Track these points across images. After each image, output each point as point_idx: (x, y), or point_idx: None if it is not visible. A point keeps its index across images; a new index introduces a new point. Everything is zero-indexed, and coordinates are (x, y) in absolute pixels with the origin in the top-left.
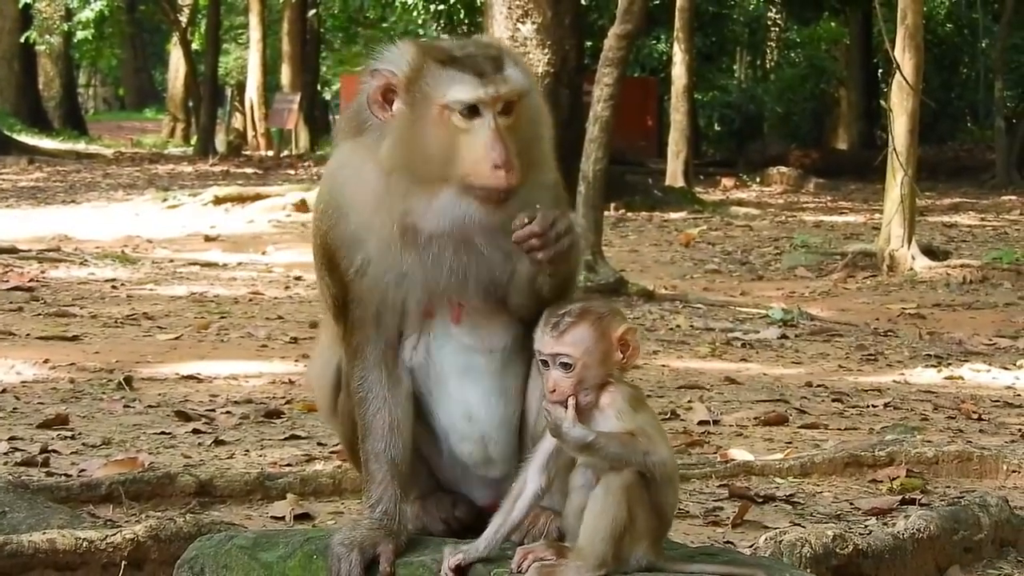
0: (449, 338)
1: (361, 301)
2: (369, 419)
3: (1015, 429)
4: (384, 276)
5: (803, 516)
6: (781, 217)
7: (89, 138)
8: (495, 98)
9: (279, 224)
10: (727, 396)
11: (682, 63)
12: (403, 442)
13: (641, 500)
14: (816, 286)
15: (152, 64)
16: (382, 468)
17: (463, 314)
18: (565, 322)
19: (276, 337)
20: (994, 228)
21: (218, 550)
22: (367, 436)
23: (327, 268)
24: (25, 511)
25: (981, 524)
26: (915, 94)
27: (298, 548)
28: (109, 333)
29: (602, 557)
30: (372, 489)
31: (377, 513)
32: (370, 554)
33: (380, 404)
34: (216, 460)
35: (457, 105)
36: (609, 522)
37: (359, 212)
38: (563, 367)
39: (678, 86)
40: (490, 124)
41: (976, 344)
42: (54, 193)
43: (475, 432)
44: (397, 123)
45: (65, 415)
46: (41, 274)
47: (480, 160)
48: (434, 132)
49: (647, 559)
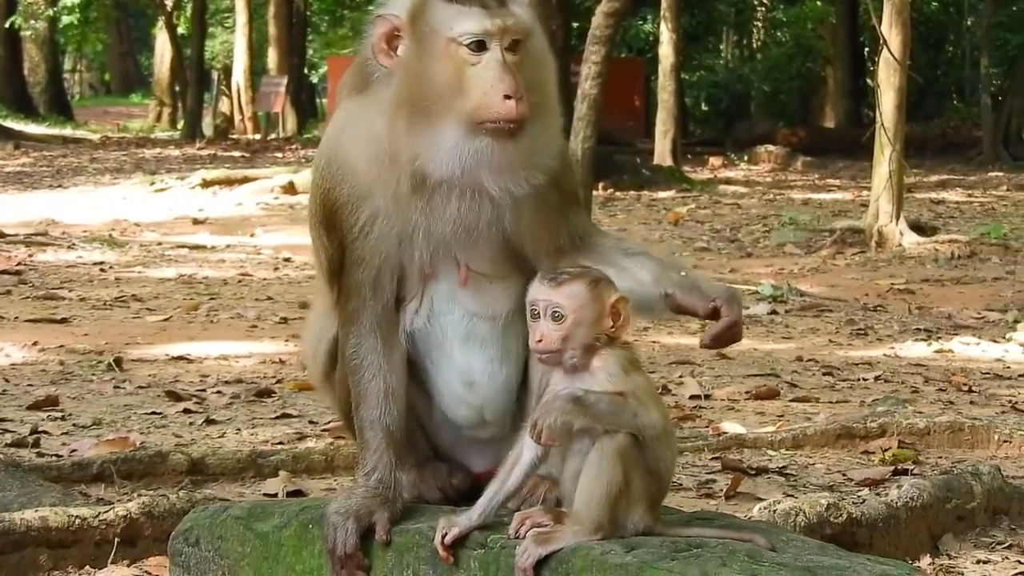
0: (454, 304)
1: (361, 262)
2: (364, 386)
3: (1005, 400)
4: (390, 232)
5: (796, 487)
6: (769, 195)
7: (75, 123)
8: (502, 30)
9: (267, 207)
10: (718, 371)
11: (669, 42)
12: (398, 409)
13: (636, 464)
14: (805, 263)
15: (138, 49)
16: (377, 436)
17: (470, 277)
18: (563, 276)
19: (266, 318)
20: (981, 204)
21: (213, 521)
22: (361, 404)
23: (326, 228)
24: (17, 490)
25: (974, 492)
26: (902, 70)
27: (293, 518)
28: (98, 315)
29: (598, 521)
30: (367, 457)
31: (372, 481)
32: (366, 522)
33: (375, 371)
34: (207, 439)
35: (465, 38)
36: (604, 486)
37: (366, 166)
38: (554, 318)
39: (665, 65)
40: (498, 56)
41: (965, 318)
42: (41, 178)
43: (474, 398)
44: (404, 63)
45: (55, 396)
46: (29, 258)
47: (490, 91)
48: (442, 67)
49: (644, 523)
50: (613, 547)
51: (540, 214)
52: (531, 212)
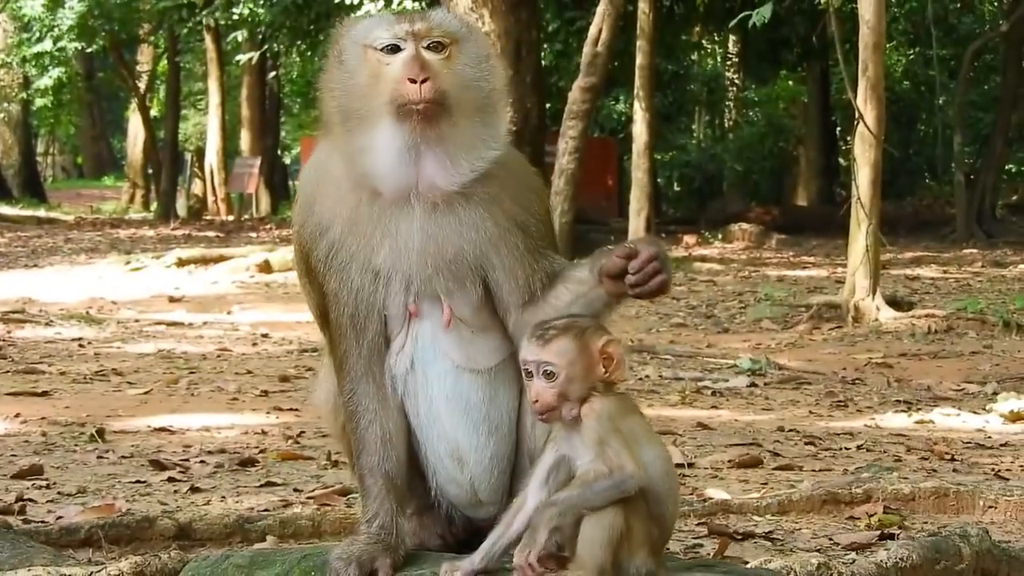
0: (438, 351)
1: (337, 300)
2: (361, 433)
3: (988, 468)
4: (353, 262)
5: (783, 552)
6: (744, 272)
7: (49, 205)
8: (410, 32)
9: (243, 285)
10: (700, 440)
11: (642, 121)
12: (397, 456)
13: (636, 509)
14: (782, 337)
15: (110, 132)
16: (377, 482)
17: (453, 322)
18: (550, 333)
19: (246, 391)
20: (957, 280)
21: (215, 570)
22: (361, 451)
23: (306, 273)
24: (8, 551)
25: (962, 554)
26: (878, 144)
27: (295, 565)
28: (79, 388)
29: (601, 566)
30: (368, 504)
31: (374, 528)
32: (368, 568)
33: (372, 417)
34: (193, 506)
35: (378, 42)
36: (606, 531)
37: (324, 198)
38: (546, 376)
39: (639, 143)
40: (410, 51)
41: (944, 390)
42: (16, 258)
43: (465, 477)
44: (331, 79)
45: (39, 466)
46: (7, 334)
47: (399, 78)
48: (363, 71)
49: (647, 568)
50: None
51: (511, 253)
52: (503, 249)
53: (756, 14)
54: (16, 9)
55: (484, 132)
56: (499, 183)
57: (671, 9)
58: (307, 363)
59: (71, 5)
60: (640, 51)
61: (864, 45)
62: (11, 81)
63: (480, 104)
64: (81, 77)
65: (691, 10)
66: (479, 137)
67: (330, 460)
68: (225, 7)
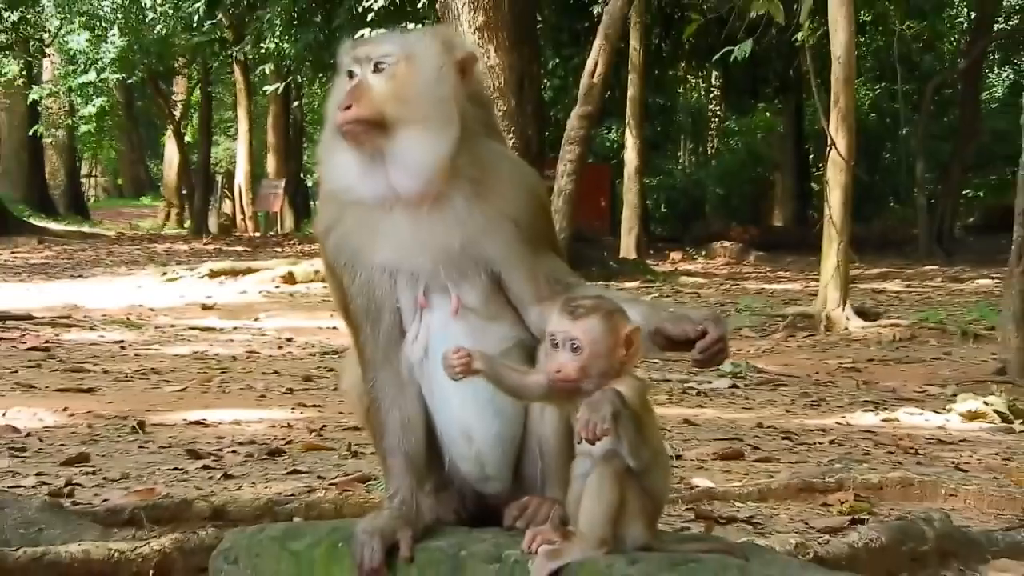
0: (447, 338)
1: (352, 293)
2: (383, 417)
3: (948, 461)
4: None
5: (762, 535)
6: (726, 286)
7: (92, 222)
8: (356, 58)
9: (269, 294)
10: (686, 436)
11: (633, 148)
12: (415, 437)
13: (632, 485)
14: (760, 344)
15: (148, 156)
16: (398, 462)
17: (461, 310)
18: (581, 309)
19: (273, 389)
20: (919, 293)
21: (251, 540)
22: (383, 433)
23: (327, 267)
24: (60, 527)
25: (926, 537)
26: (848, 169)
27: (324, 537)
28: (121, 386)
29: (601, 537)
30: (390, 482)
31: (396, 503)
32: (391, 540)
33: (391, 402)
34: (226, 491)
35: (344, 66)
36: (604, 505)
37: (326, 200)
38: (572, 349)
39: (630, 168)
40: (358, 77)
41: (908, 392)
42: (62, 269)
43: (472, 452)
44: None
45: (86, 454)
46: (55, 337)
47: (336, 104)
48: (336, 92)
49: (643, 539)
50: (617, 560)
51: (512, 248)
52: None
53: (737, 50)
54: (63, 43)
55: (431, 137)
56: (479, 181)
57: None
58: (328, 364)
59: (113, 40)
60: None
61: (836, 79)
62: (58, 109)
63: (424, 114)
64: (122, 106)
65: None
66: (425, 145)
67: (350, 451)
68: (254, 42)
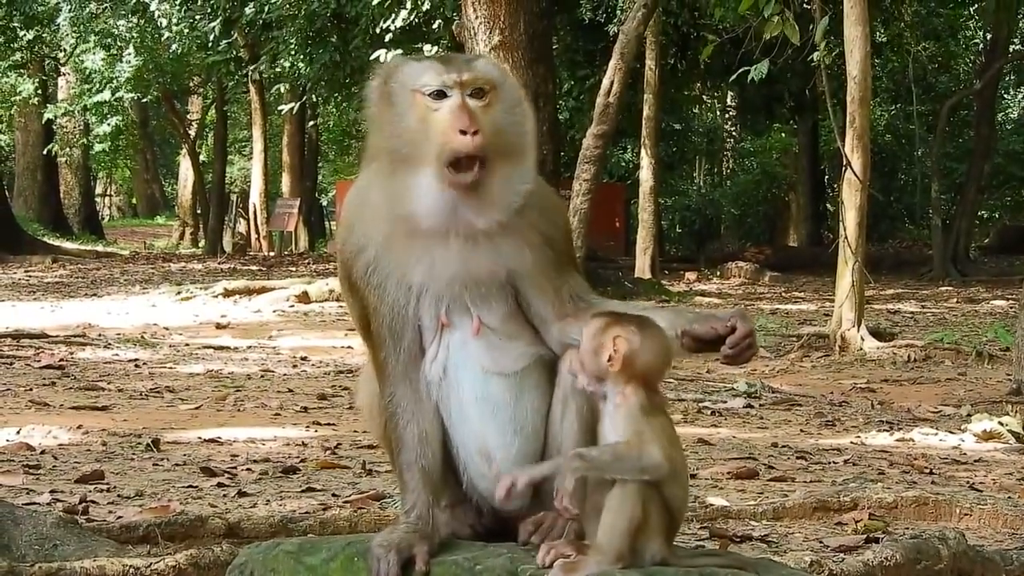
0: (467, 357)
1: (376, 313)
2: (400, 432)
3: (963, 481)
4: (389, 280)
5: (777, 553)
6: (740, 305)
7: (106, 241)
8: (458, 81)
9: (283, 313)
10: (701, 455)
11: (648, 167)
12: (432, 453)
13: (654, 499)
14: (775, 364)
15: (163, 175)
16: (414, 477)
17: (482, 330)
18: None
19: (288, 407)
20: (934, 314)
21: (266, 555)
22: (400, 448)
23: (347, 285)
24: (75, 544)
25: (941, 555)
26: (863, 189)
27: (340, 552)
28: (135, 404)
29: (619, 551)
30: (406, 496)
31: (412, 517)
32: (406, 554)
33: (409, 418)
34: (240, 508)
35: (426, 88)
36: (626, 519)
37: (363, 222)
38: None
39: (645, 188)
40: (457, 100)
41: (923, 412)
42: (77, 288)
43: (492, 471)
44: (379, 117)
45: (100, 471)
46: (70, 355)
47: (448, 128)
48: (409, 116)
49: (660, 554)
50: (632, 575)
51: (540, 269)
52: (532, 266)
53: (754, 70)
54: (79, 62)
55: (517, 172)
56: (529, 210)
57: (675, 66)
58: (343, 383)
59: (128, 59)
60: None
61: (852, 99)
62: (73, 128)
63: (513, 147)
64: (136, 125)
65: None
66: (513, 178)
67: (364, 469)
68: (269, 62)
